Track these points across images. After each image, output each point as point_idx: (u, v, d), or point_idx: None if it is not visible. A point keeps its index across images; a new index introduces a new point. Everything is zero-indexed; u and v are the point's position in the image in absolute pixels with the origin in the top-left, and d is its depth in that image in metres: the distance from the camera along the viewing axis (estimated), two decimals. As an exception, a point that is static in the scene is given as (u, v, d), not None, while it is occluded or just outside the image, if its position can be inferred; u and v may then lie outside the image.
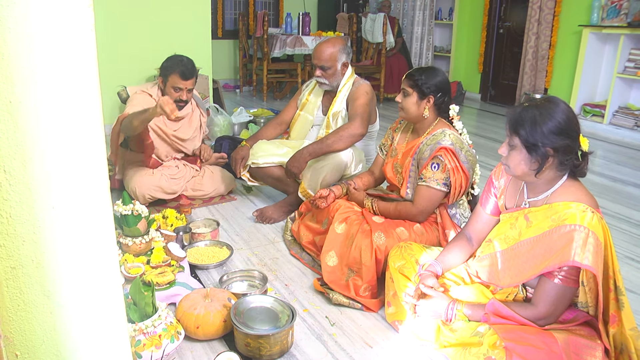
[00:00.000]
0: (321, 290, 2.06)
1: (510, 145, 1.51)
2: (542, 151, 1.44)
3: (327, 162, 2.56)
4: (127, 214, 2.07)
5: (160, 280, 1.92)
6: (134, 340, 1.54)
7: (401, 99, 2.18)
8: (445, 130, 2.09)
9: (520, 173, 1.52)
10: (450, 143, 2.03)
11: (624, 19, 4.99)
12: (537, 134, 1.43)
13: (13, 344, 0.84)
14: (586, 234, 1.38)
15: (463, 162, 2.02)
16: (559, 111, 1.44)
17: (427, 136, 2.14)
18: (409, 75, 2.16)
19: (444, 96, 2.13)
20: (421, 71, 2.13)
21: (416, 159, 2.14)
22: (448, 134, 2.07)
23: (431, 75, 2.12)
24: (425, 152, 2.08)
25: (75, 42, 0.76)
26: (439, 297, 1.66)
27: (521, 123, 1.45)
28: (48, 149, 0.77)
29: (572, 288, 1.47)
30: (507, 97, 6.58)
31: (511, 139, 1.49)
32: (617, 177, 3.84)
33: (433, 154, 2.04)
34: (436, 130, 2.13)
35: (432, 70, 2.15)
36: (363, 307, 1.96)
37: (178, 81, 2.74)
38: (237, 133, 4.36)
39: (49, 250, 0.81)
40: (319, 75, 2.70)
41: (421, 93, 2.11)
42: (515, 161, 1.50)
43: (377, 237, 2.01)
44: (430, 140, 2.09)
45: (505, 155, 1.53)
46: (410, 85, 2.13)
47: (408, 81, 2.15)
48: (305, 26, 6.23)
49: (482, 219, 1.74)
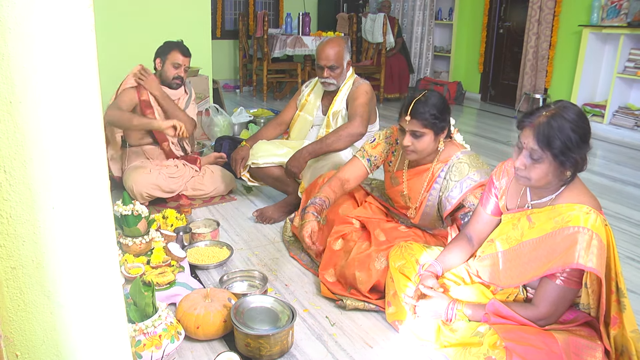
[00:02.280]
0: (331, 297, 2.02)
1: (533, 159, 1.43)
2: (574, 160, 1.41)
3: (327, 161, 2.56)
4: (127, 214, 2.07)
5: (160, 281, 1.92)
6: (134, 341, 1.54)
7: (411, 141, 1.91)
8: (460, 157, 1.95)
9: (544, 184, 1.47)
10: (480, 175, 1.89)
11: (623, 18, 4.99)
12: (574, 145, 1.38)
13: (13, 344, 0.84)
14: (590, 236, 1.38)
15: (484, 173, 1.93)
16: (582, 117, 1.41)
17: (438, 164, 1.98)
18: (417, 114, 1.86)
19: (450, 118, 1.97)
20: (427, 104, 1.86)
21: (437, 197, 1.99)
22: (465, 161, 1.93)
23: (439, 104, 1.89)
24: (453, 189, 1.93)
25: (75, 43, 0.76)
26: (438, 297, 1.66)
27: (553, 136, 1.38)
28: (48, 149, 0.77)
29: (574, 289, 1.47)
30: (507, 97, 6.58)
31: (539, 152, 1.41)
32: (617, 177, 3.83)
33: (469, 191, 1.90)
34: (445, 154, 1.98)
35: (436, 97, 1.91)
36: (378, 306, 1.94)
37: (178, 57, 2.90)
38: (237, 133, 4.36)
39: (49, 251, 0.81)
40: (327, 76, 2.66)
41: (437, 129, 1.90)
42: (540, 174, 1.44)
43: (378, 263, 1.95)
44: (451, 173, 1.94)
45: (525, 167, 1.45)
46: (425, 125, 1.87)
47: (419, 122, 1.87)
48: (305, 26, 6.22)
49: (483, 219, 1.74)
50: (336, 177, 2.11)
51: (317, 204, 2.00)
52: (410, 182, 2.07)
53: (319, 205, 2.00)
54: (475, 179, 1.91)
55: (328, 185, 2.08)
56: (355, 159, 2.15)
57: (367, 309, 1.95)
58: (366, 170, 2.13)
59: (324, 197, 2.03)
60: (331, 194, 2.06)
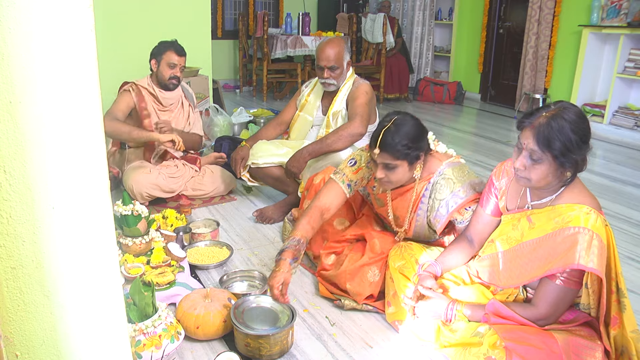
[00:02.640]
0: (330, 297, 2.02)
1: (533, 160, 1.43)
2: (574, 160, 1.41)
3: (327, 161, 2.56)
4: (127, 214, 2.07)
5: (160, 281, 1.92)
6: (134, 341, 1.54)
7: (384, 173, 1.79)
8: (444, 172, 1.84)
9: (544, 184, 1.47)
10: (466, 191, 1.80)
11: (623, 19, 4.99)
12: (574, 146, 1.38)
13: (13, 344, 0.84)
14: (590, 236, 1.38)
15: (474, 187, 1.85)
16: (582, 118, 1.41)
17: (421, 182, 1.88)
18: (387, 146, 1.73)
19: (426, 142, 1.83)
20: (398, 134, 1.73)
21: (425, 217, 1.90)
22: (449, 176, 1.82)
23: (412, 132, 1.75)
24: (439, 209, 1.84)
25: (75, 43, 0.76)
26: (438, 298, 1.66)
27: (553, 137, 1.38)
28: (48, 149, 0.77)
29: (574, 290, 1.47)
30: (507, 97, 6.58)
31: (539, 153, 1.41)
32: (616, 177, 3.83)
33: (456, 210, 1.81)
34: (427, 171, 1.87)
35: (407, 125, 1.76)
36: (376, 308, 1.94)
37: (173, 57, 2.87)
38: (237, 133, 4.36)
39: (49, 251, 0.81)
40: (327, 77, 2.65)
41: (412, 159, 1.78)
42: (541, 174, 1.44)
43: (371, 275, 1.92)
44: (435, 192, 1.85)
45: (525, 168, 1.45)
46: (397, 157, 1.75)
47: (390, 154, 1.74)
48: (305, 26, 6.22)
49: (483, 220, 1.74)
50: (315, 207, 1.90)
51: (293, 248, 1.78)
52: (395, 203, 1.97)
53: (295, 250, 1.78)
54: (461, 196, 1.80)
55: (306, 220, 1.86)
56: (335, 184, 1.95)
57: (365, 310, 1.95)
58: (345, 196, 1.96)
59: (302, 238, 1.81)
60: (309, 231, 1.85)
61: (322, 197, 1.94)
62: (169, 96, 2.95)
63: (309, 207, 1.92)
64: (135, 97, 2.85)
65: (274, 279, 1.73)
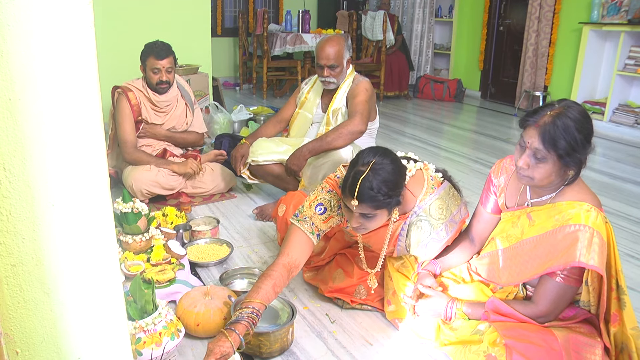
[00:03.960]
0: (330, 297, 2.00)
1: (537, 159, 1.42)
2: (578, 160, 1.40)
3: (327, 159, 2.56)
4: (127, 211, 2.07)
5: (160, 278, 1.92)
6: (134, 338, 1.55)
7: (360, 221, 1.63)
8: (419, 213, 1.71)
9: (547, 183, 1.47)
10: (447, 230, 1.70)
11: (624, 16, 4.98)
12: (579, 146, 1.38)
13: (13, 342, 0.85)
14: (591, 234, 1.38)
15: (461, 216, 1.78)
16: (586, 117, 1.41)
17: (397, 221, 1.75)
18: (365, 198, 1.55)
19: (404, 184, 1.68)
20: (376, 181, 1.54)
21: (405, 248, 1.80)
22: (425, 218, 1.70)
23: (391, 176, 1.57)
24: (417, 250, 1.78)
25: (74, 40, 0.76)
26: (437, 297, 1.66)
27: (559, 136, 1.37)
28: (48, 146, 0.77)
29: (574, 287, 1.47)
30: (507, 95, 6.57)
31: (543, 152, 1.40)
32: (617, 175, 3.83)
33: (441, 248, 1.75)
34: (402, 210, 1.74)
35: (385, 170, 1.57)
36: (376, 308, 1.94)
37: (154, 62, 2.82)
38: (236, 131, 4.36)
39: (49, 248, 0.81)
40: (327, 75, 2.65)
41: (392, 206, 1.63)
42: (544, 173, 1.43)
43: (370, 282, 1.91)
44: (411, 232, 1.74)
45: (528, 167, 1.45)
46: (376, 207, 1.58)
47: (369, 205, 1.57)
48: (305, 24, 6.21)
49: (484, 218, 1.74)
50: (282, 266, 1.63)
51: (244, 322, 1.50)
52: (366, 238, 1.85)
53: (247, 323, 1.50)
54: (441, 237, 1.70)
55: (271, 283, 1.58)
56: (302, 235, 1.71)
57: (364, 309, 1.95)
58: (313, 245, 1.73)
59: (261, 307, 1.54)
60: (271, 297, 1.58)
61: (290, 251, 1.68)
62: (163, 99, 2.93)
63: (274, 266, 1.64)
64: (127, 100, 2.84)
65: (216, 347, 1.43)
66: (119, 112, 2.84)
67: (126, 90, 2.85)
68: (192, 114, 3.12)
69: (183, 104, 3.07)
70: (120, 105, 2.83)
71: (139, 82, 2.91)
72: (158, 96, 2.91)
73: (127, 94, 2.84)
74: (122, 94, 2.84)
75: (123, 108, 2.83)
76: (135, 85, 2.89)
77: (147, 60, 2.83)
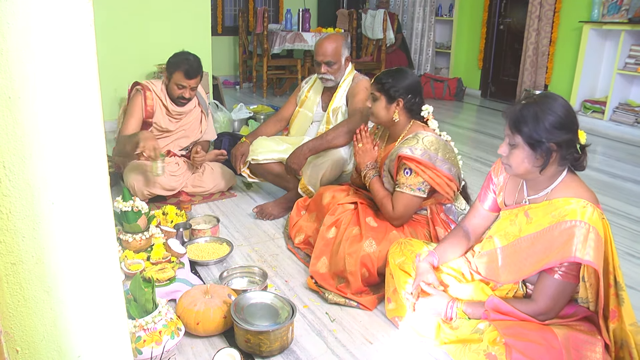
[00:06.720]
0: (316, 290, 2.04)
1: (511, 145, 1.49)
2: (546, 147, 1.43)
3: (327, 158, 2.56)
4: (127, 210, 2.07)
5: (160, 277, 1.92)
6: (134, 337, 1.55)
7: (370, 103, 2.13)
8: (419, 134, 2.03)
9: (523, 171, 1.50)
10: (421, 152, 1.96)
11: (624, 15, 4.98)
12: (540, 129, 1.42)
13: (14, 340, 0.85)
14: (587, 229, 1.38)
15: (440, 166, 1.98)
16: (558, 105, 1.44)
17: (400, 140, 2.10)
18: (376, 79, 2.10)
19: (414, 98, 2.08)
20: (389, 74, 2.08)
21: (387, 164, 2.09)
22: (421, 137, 2.00)
23: (399, 77, 2.06)
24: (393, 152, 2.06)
25: (74, 38, 0.76)
26: (438, 296, 1.66)
27: (523, 120, 1.44)
28: (47, 145, 0.77)
29: (572, 284, 1.47)
30: (507, 94, 6.57)
31: (512, 137, 1.48)
32: (617, 174, 3.83)
33: (395, 162, 2.00)
34: (410, 133, 2.08)
35: (400, 73, 2.10)
36: (359, 304, 1.95)
37: (182, 79, 2.74)
38: (237, 129, 4.36)
39: (49, 247, 0.81)
40: (324, 72, 2.65)
41: (389, 97, 2.07)
42: (517, 160, 1.48)
43: (367, 245, 1.97)
44: (402, 144, 2.04)
45: (506, 154, 1.51)
46: (378, 89, 2.08)
47: (376, 85, 2.09)
48: (305, 22, 6.21)
49: (480, 215, 1.75)
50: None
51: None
52: (382, 161, 2.18)
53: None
54: (411, 153, 1.95)
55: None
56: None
57: (347, 305, 1.95)
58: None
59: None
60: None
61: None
62: (179, 110, 2.89)
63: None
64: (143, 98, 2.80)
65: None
66: (130, 107, 2.81)
67: (145, 88, 2.80)
68: (207, 120, 3.11)
69: (199, 111, 3.04)
70: (134, 101, 2.80)
71: (158, 84, 2.86)
72: (174, 106, 2.87)
73: (145, 92, 2.79)
74: (139, 91, 2.80)
75: (135, 105, 2.79)
76: (155, 87, 2.83)
77: (175, 73, 2.74)
